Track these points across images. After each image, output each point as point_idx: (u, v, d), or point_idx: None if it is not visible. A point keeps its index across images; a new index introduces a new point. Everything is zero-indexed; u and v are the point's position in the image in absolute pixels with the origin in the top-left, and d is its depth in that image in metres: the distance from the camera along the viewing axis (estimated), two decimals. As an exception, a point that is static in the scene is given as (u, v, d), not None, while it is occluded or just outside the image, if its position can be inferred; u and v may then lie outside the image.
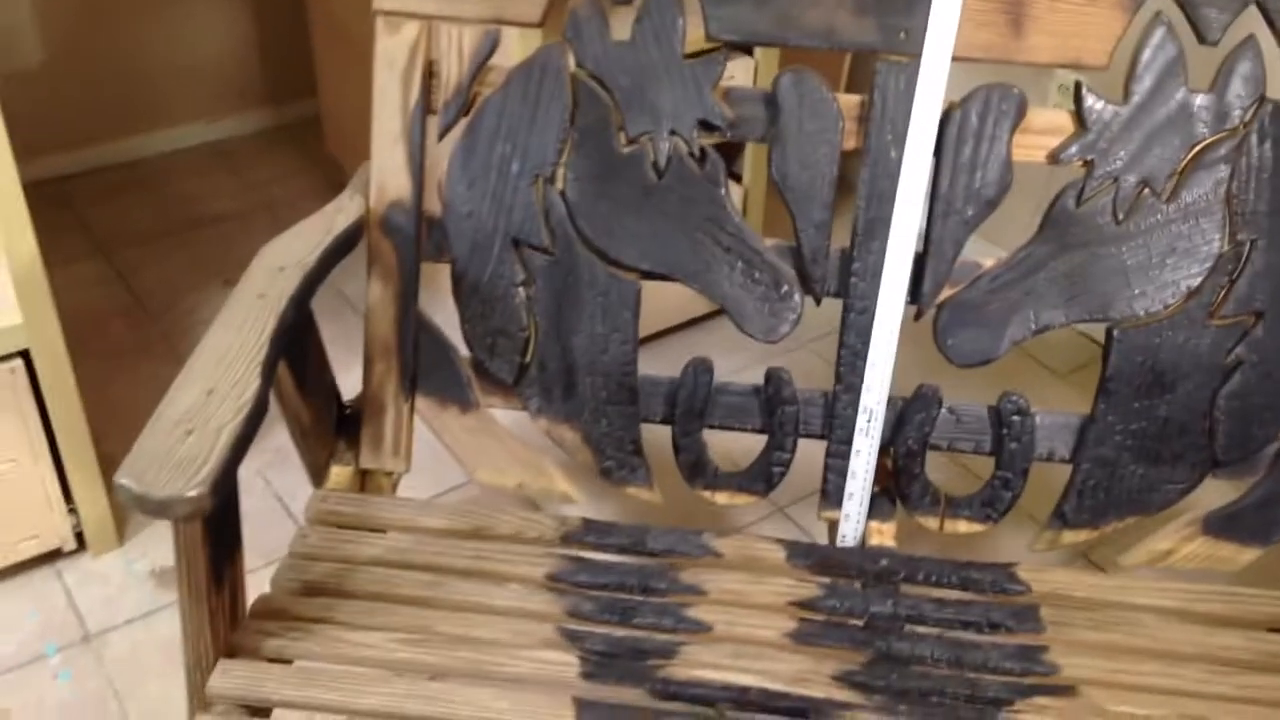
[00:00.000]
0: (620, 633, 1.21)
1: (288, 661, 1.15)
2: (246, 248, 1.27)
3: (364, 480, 1.40)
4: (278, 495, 1.84)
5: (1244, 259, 1.27)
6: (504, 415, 1.40)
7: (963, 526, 1.37)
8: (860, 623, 1.24)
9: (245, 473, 1.78)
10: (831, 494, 1.37)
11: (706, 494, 1.40)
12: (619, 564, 1.29)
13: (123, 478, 0.98)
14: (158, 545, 1.75)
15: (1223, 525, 1.32)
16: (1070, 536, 1.34)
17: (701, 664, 1.17)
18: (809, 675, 1.17)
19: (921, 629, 1.24)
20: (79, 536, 1.71)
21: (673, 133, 1.27)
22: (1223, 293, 1.28)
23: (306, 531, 1.29)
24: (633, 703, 1.14)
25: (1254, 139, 1.21)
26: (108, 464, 1.69)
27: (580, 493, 1.41)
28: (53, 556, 1.71)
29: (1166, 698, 1.15)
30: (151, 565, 1.73)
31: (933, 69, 1.22)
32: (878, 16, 1.24)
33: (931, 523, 1.36)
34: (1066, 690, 1.18)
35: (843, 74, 2.32)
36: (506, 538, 1.34)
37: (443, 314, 1.38)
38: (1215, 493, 1.31)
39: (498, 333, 1.34)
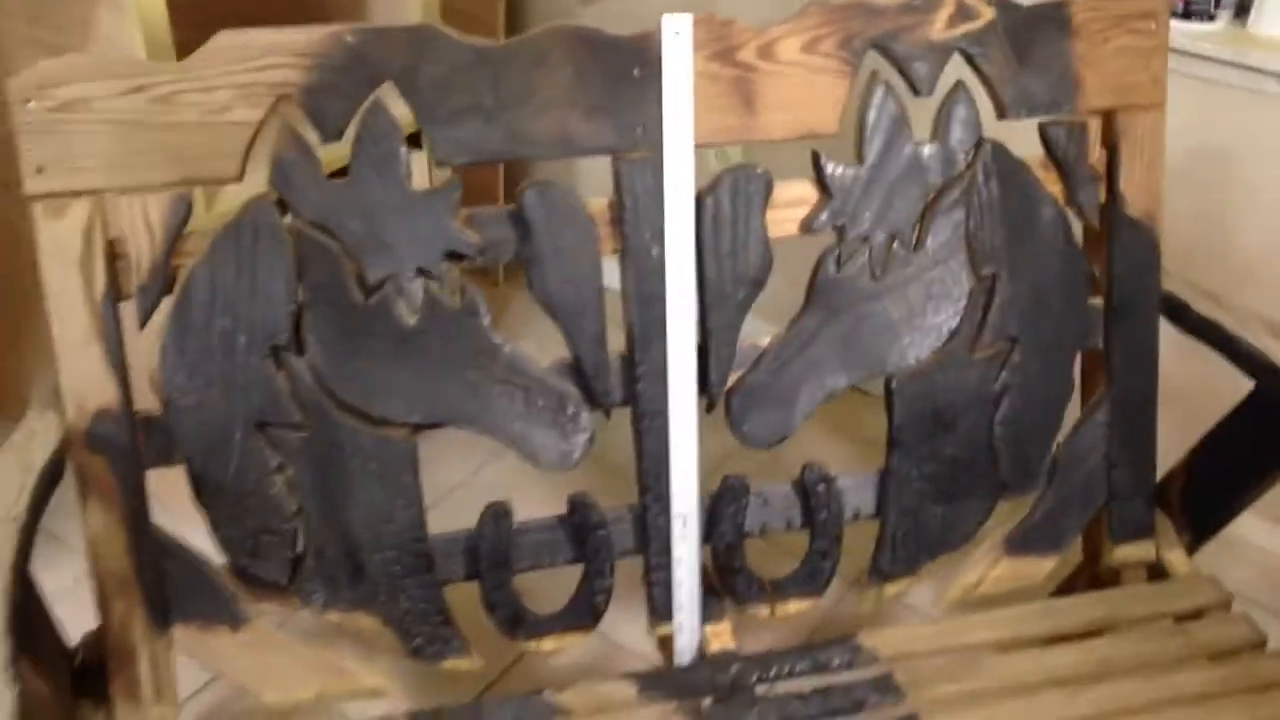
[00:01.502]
0: None
1: None
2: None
3: None
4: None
5: (991, 292, 1.09)
6: (278, 620, 1.03)
7: (793, 607, 1.14)
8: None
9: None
10: (660, 608, 1.10)
11: (531, 644, 1.09)
12: None
13: None
14: None
15: (1020, 544, 1.17)
16: (891, 588, 1.15)
17: None
18: None
19: None
20: None
21: (419, 271, 0.80)
22: (978, 327, 1.09)
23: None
24: None
25: (980, 178, 1.05)
26: None
27: (390, 682, 1.04)
28: None
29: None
30: None
31: (677, 161, 1.00)
32: (611, 116, 0.99)
33: (763, 611, 1.14)
34: None
35: (498, 181, 1.90)
36: None
37: (183, 522, 0.99)
38: (1008, 516, 1.14)
39: (259, 531, 0.87)
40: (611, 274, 1.00)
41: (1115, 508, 1.12)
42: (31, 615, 0.88)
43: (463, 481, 1.62)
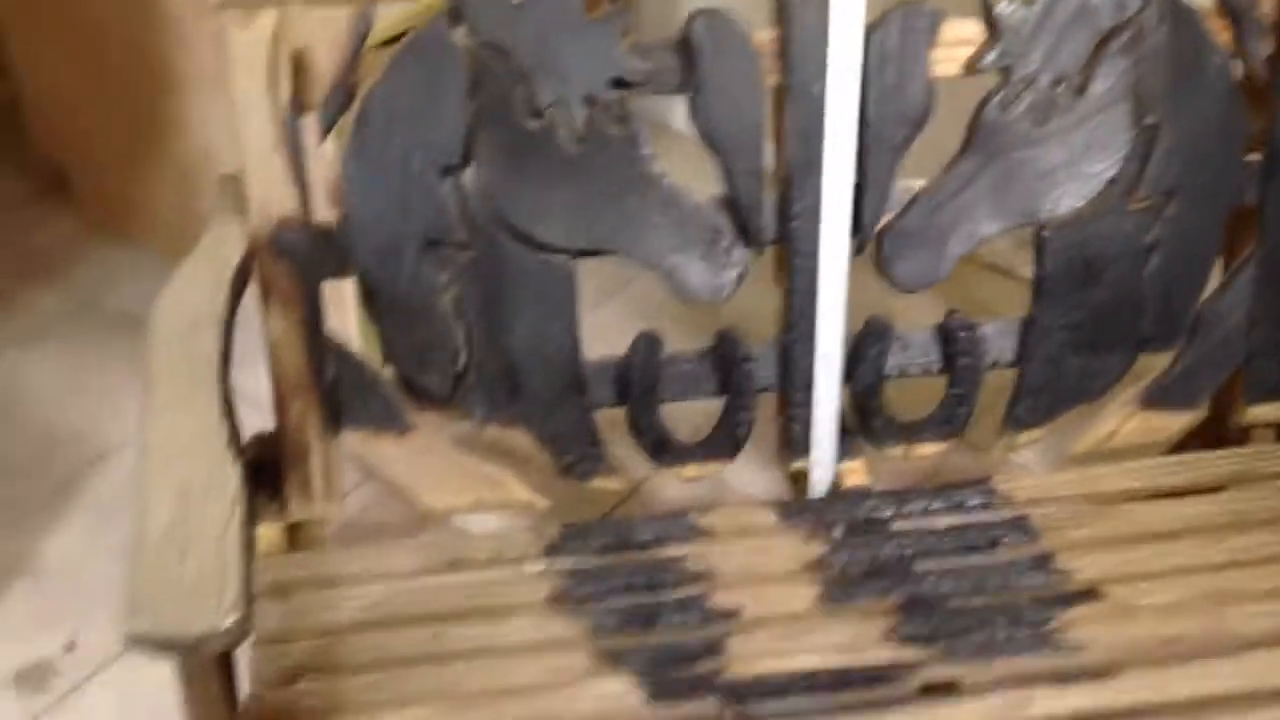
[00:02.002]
0: (654, 640, 0.95)
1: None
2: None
3: (294, 535, 0.90)
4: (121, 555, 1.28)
5: (1152, 142, 1.08)
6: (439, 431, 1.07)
7: (927, 449, 1.16)
8: (874, 572, 1.02)
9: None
10: (796, 443, 1.13)
11: (674, 470, 1.12)
12: (616, 566, 1.02)
13: (137, 621, 0.65)
14: (1, 646, 1.25)
15: (1156, 398, 1.17)
16: (1026, 436, 1.17)
17: (753, 655, 0.94)
18: (861, 642, 0.95)
19: (931, 564, 1.03)
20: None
21: (586, 97, 0.82)
22: (1136, 178, 1.09)
23: (261, 609, 0.91)
24: (712, 715, 0.89)
25: (1150, 23, 1.06)
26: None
27: (540, 497, 1.09)
28: None
29: (1177, 579, 1.00)
30: (5, 670, 1.17)
31: (846, -5, 0.94)
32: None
33: (898, 451, 1.15)
34: (1090, 594, 1.00)
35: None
36: (487, 563, 1.02)
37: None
38: (1147, 369, 1.15)
39: (425, 345, 0.91)
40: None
41: (1252, 367, 1.13)
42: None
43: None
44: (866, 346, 1.10)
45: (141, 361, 0.82)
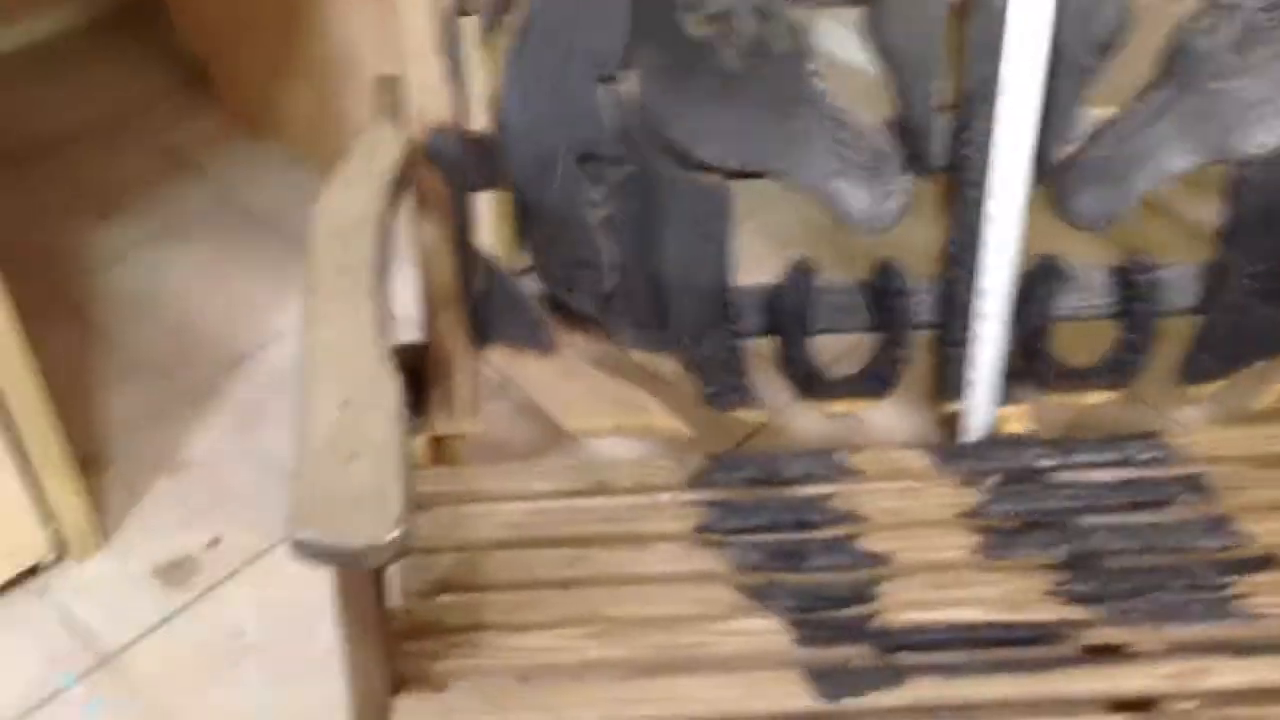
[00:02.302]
0: (801, 580, 0.92)
1: (461, 683, 0.83)
2: (103, 169, 0.75)
3: (434, 449, 0.88)
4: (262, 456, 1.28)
5: None
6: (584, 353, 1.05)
7: (1095, 397, 1.09)
8: (1036, 524, 0.97)
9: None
10: (951, 385, 1.08)
11: (822, 405, 1.08)
12: (762, 501, 0.98)
13: (302, 530, 0.64)
14: (147, 539, 1.35)
15: None
16: (1202, 389, 1.09)
17: (907, 604, 0.90)
18: (1024, 597, 0.90)
19: (1096, 518, 0.98)
20: (57, 545, 1.10)
21: (757, 9, 0.76)
22: None
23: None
24: (864, 663, 0.85)
25: None
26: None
27: (683, 425, 1.05)
28: (30, 573, 1.11)
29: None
30: (150, 563, 1.20)
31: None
32: None
33: (1062, 399, 1.09)
34: (1271, 561, 0.93)
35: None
36: (631, 490, 0.99)
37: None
38: None
39: (575, 264, 0.87)
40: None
41: None
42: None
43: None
44: (1036, 286, 1.04)
45: (293, 263, 0.80)
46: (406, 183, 0.93)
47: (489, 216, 1.08)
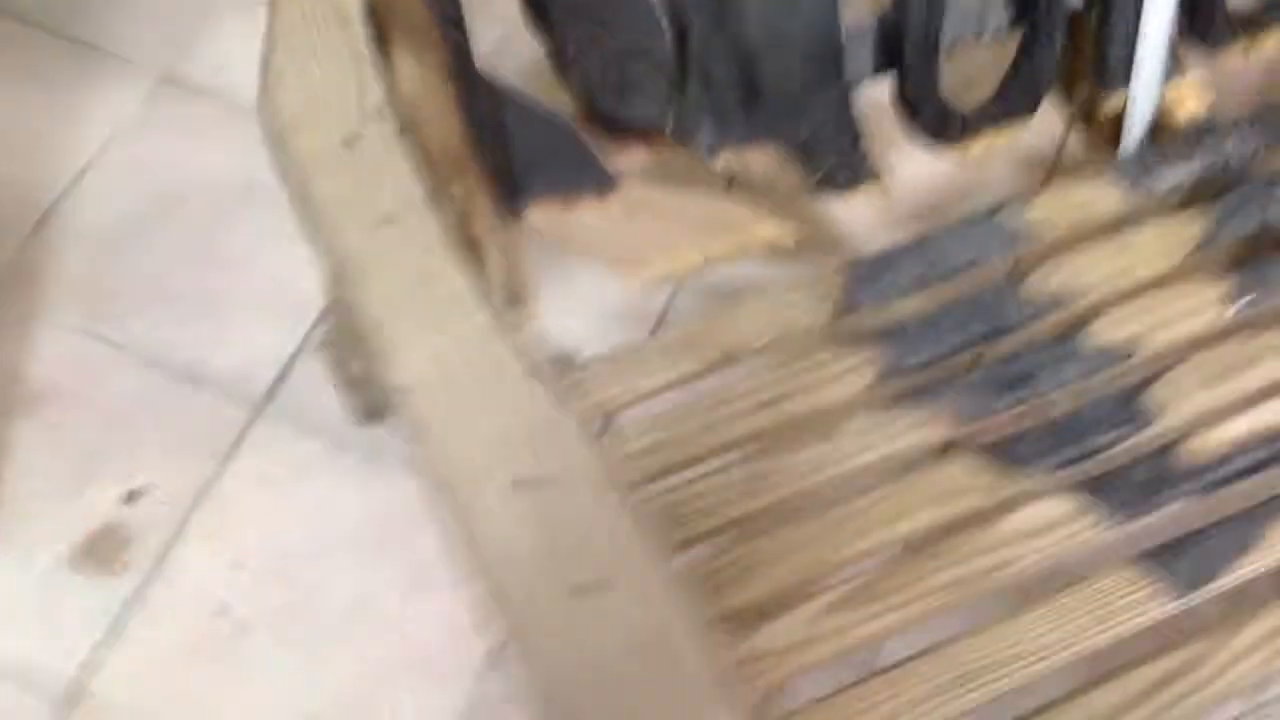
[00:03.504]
0: (1047, 423, 0.71)
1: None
2: None
3: None
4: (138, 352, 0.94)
5: None
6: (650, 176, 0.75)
7: (1270, 45, 0.84)
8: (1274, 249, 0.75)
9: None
10: (1113, 71, 0.82)
11: (958, 149, 0.82)
12: (940, 310, 0.75)
13: None
14: (37, 519, 0.97)
15: None
16: None
17: (1196, 417, 0.70)
18: None
19: None
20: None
21: None
22: None
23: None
24: (1198, 521, 0.67)
25: None
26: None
27: (787, 233, 0.79)
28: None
29: None
30: (57, 551, 0.96)
31: None
32: None
33: (1235, 57, 0.85)
34: None
35: None
36: (767, 347, 0.75)
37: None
38: None
39: (627, 55, 0.61)
40: None
41: None
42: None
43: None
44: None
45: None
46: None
47: None
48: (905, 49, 0.74)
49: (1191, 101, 0.82)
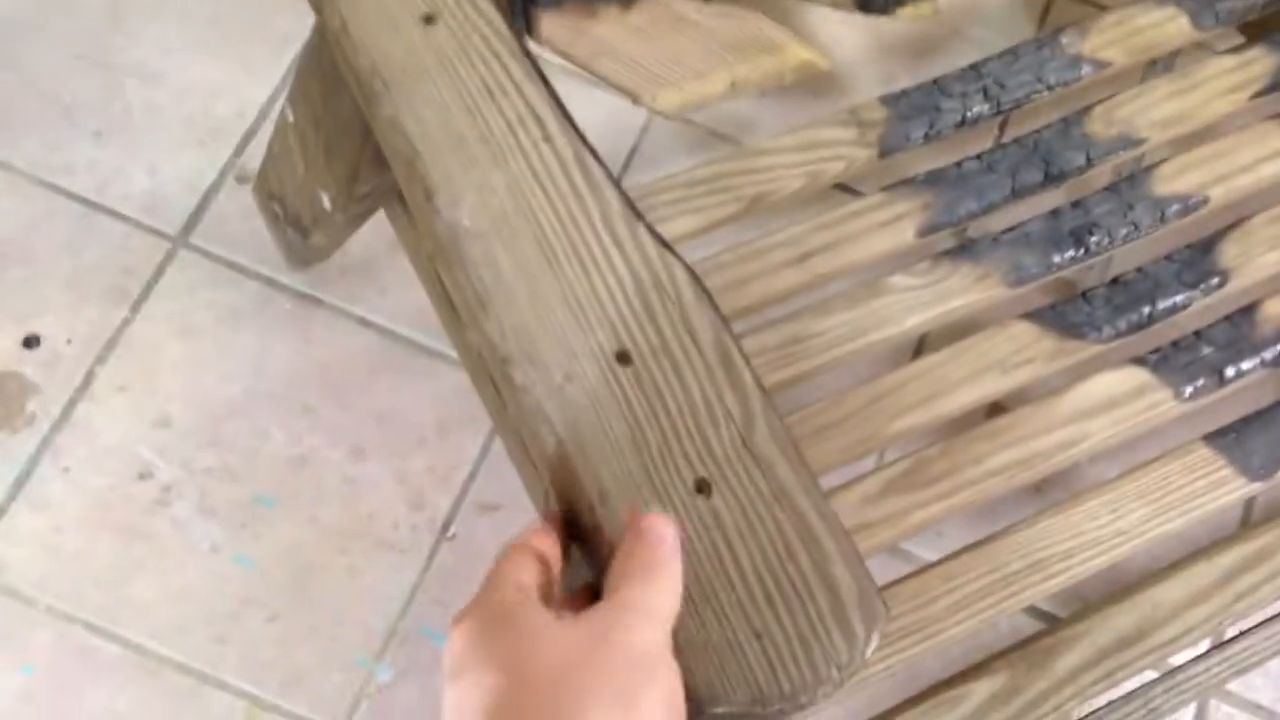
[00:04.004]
0: (1106, 285, 0.64)
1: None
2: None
3: None
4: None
5: None
6: None
7: None
8: None
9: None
10: None
11: None
12: (993, 154, 0.66)
13: None
14: None
15: None
16: None
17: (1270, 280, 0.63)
18: None
19: None
20: None
21: None
22: None
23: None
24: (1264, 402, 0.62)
25: None
26: None
27: (821, 54, 0.70)
28: None
29: None
30: None
31: None
32: None
33: None
34: None
35: None
36: (793, 196, 0.65)
37: None
38: None
39: None
40: None
41: None
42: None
43: None
44: None
45: None
46: None
47: None
48: None
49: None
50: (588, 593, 0.37)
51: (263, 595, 0.72)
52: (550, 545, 0.38)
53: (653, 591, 0.35)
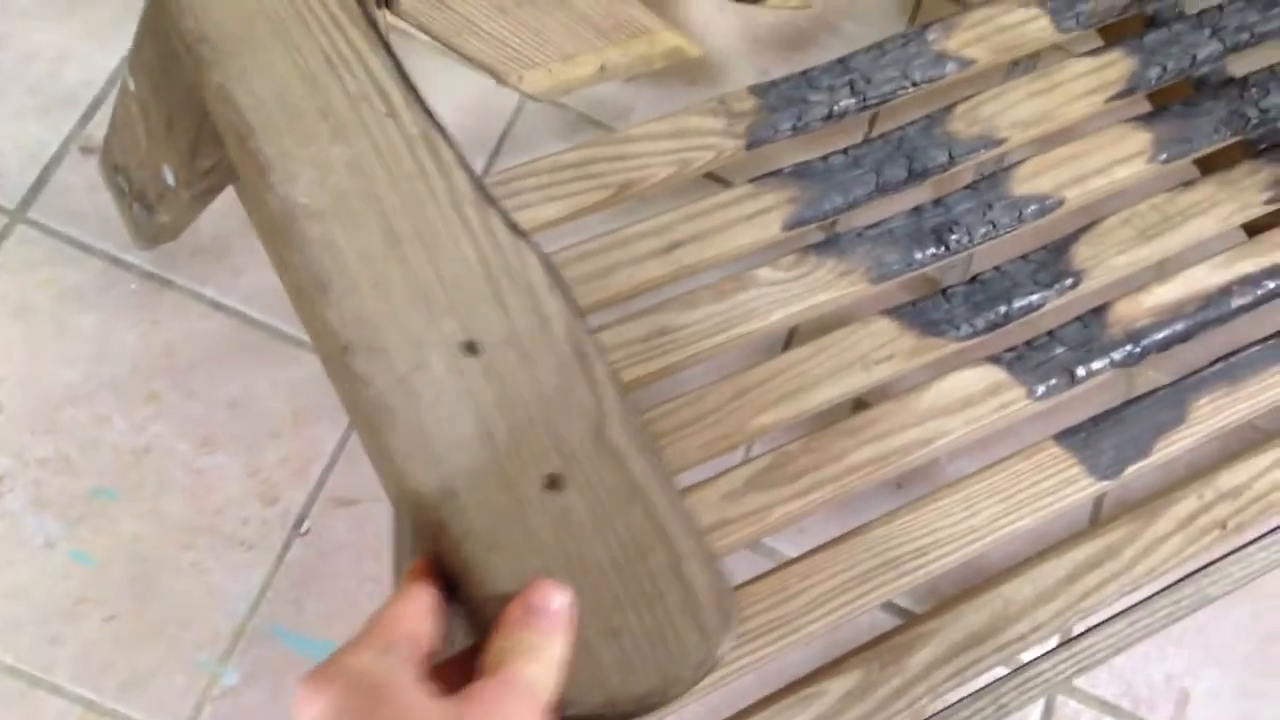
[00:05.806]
0: (966, 283, 0.65)
1: None
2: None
3: None
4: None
5: None
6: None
7: None
8: (1205, 83, 0.72)
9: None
10: None
11: None
12: (858, 149, 0.67)
13: None
14: None
15: None
16: None
17: (1122, 280, 0.66)
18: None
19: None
20: None
21: None
22: None
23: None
24: (1113, 402, 0.63)
25: None
26: None
27: (692, 40, 0.71)
28: None
29: None
30: None
31: None
32: None
33: None
34: None
35: None
36: (665, 183, 0.64)
37: None
38: None
39: None
40: None
41: None
42: None
43: None
44: None
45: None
46: None
47: None
48: None
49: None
50: (466, 658, 0.35)
51: (101, 593, 0.68)
52: (426, 596, 0.34)
53: (538, 669, 0.33)
